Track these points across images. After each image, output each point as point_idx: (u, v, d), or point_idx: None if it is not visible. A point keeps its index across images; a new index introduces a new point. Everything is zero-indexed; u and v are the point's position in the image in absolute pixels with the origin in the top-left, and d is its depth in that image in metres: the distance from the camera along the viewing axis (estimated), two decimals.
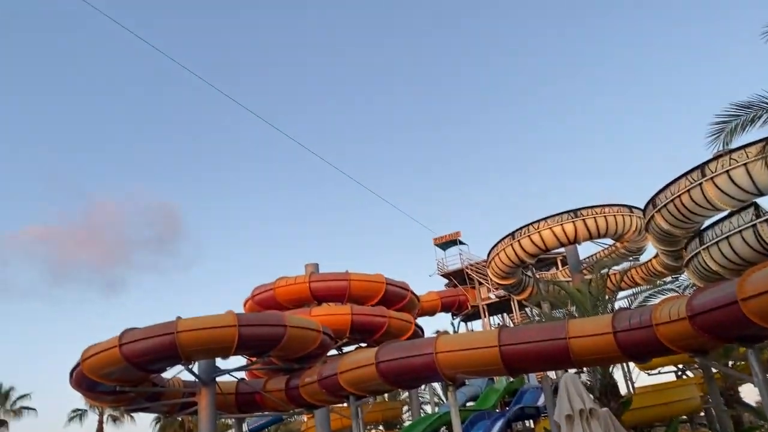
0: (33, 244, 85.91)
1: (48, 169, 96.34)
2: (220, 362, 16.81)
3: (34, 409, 38.80)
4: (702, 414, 24.76)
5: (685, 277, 20.87)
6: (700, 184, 16.40)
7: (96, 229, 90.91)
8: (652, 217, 18.63)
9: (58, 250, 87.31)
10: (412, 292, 25.13)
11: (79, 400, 38.40)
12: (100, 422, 39.75)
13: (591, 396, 11.14)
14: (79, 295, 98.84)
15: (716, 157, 15.84)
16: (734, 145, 12.21)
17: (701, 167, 16.48)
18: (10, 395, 38.53)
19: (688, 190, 16.79)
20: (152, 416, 38.31)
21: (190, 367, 15.88)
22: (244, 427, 28.98)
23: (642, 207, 20.32)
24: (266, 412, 19.97)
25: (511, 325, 34.70)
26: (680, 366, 26.59)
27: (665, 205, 17.73)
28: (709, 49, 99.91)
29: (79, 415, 39.80)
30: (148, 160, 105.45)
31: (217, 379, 16.84)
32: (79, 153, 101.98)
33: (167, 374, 17.22)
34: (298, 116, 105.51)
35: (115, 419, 40.10)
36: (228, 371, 17.14)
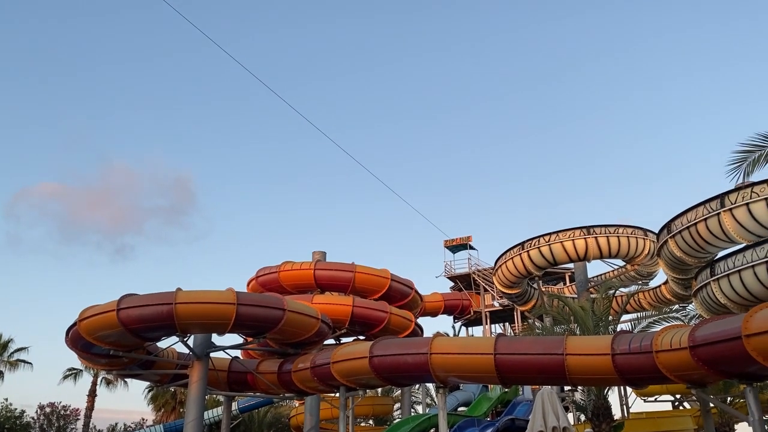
0: (46, 201, 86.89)
1: (68, 127, 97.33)
2: (215, 338, 16.85)
3: (30, 363, 39.13)
4: None
5: (693, 308, 20.55)
6: (718, 214, 16.10)
7: (110, 193, 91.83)
8: (666, 242, 18.35)
9: (71, 210, 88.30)
10: (416, 291, 25.02)
11: (75, 359, 38.69)
12: (94, 384, 40.07)
13: (568, 414, 10.95)
14: (87, 257, 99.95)
15: (737, 189, 15.53)
16: (755, 176, 11.93)
17: (721, 197, 16.17)
18: (9, 347, 38.84)
19: (705, 219, 16.50)
20: (145, 384, 38.68)
21: (185, 339, 15.91)
22: (234, 405, 29.14)
23: (656, 231, 20.03)
24: (257, 394, 19.98)
25: (512, 334, 34.49)
26: (678, 396, 26.25)
27: (680, 232, 17.45)
28: (743, 76, 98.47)
29: (74, 374, 40.10)
30: (167, 132, 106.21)
31: (211, 354, 16.89)
32: (102, 115, 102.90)
33: (162, 344, 17.29)
34: (322, 106, 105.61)
35: (108, 383, 40.41)
36: (222, 348, 17.18)
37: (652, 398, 26.63)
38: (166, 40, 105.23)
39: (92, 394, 39.90)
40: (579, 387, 16.39)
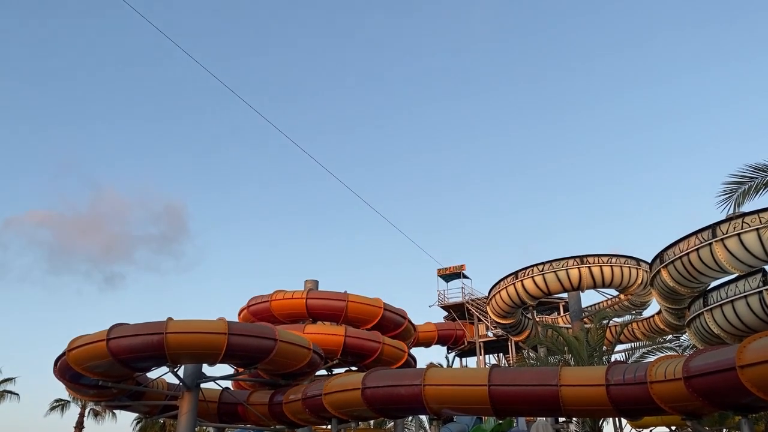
0: (35, 229, 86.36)
1: (58, 154, 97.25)
2: (206, 368, 16.64)
3: (17, 395, 38.42)
4: None
5: (687, 338, 20.51)
6: (710, 244, 16.18)
7: (100, 221, 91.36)
8: (659, 272, 18.38)
9: (60, 238, 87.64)
10: (409, 321, 24.87)
11: (62, 390, 38.07)
12: (81, 415, 39.32)
13: None
14: (76, 286, 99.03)
15: (729, 219, 15.64)
16: (746, 207, 12.02)
17: (713, 227, 16.28)
18: None
19: (697, 249, 16.57)
20: (134, 415, 37.95)
21: (175, 369, 15.70)
22: None
23: (649, 261, 20.07)
24: (248, 425, 19.67)
25: (506, 365, 34.24)
26: (673, 428, 26.00)
27: (672, 262, 17.49)
28: (735, 106, 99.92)
29: (61, 405, 39.38)
30: (158, 160, 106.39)
31: (202, 385, 16.66)
32: (92, 142, 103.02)
33: (152, 374, 17.06)
34: (317, 135, 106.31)
35: (96, 414, 39.67)
36: (213, 378, 16.95)
37: (647, 430, 26.35)
38: (157, 68, 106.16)
39: (80, 426, 39.10)
40: (574, 418, 16.24)
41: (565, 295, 27.40)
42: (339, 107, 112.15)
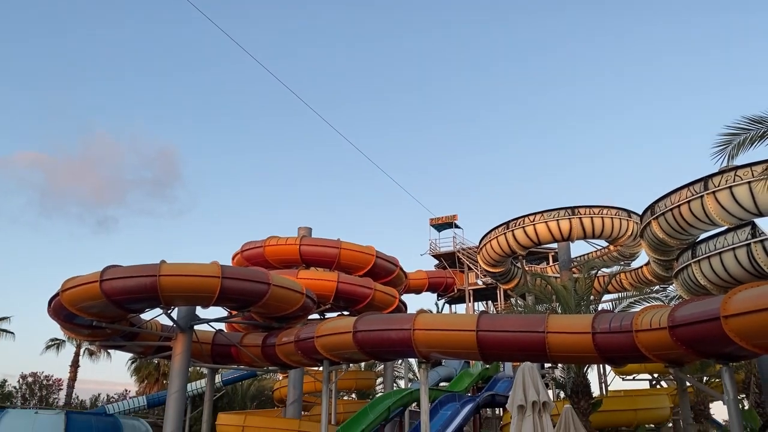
0: (26, 170, 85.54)
1: (48, 95, 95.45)
2: (199, 311, 16.85)
3: (12, 333, 38.90)
4: (670, 425, 24.97)
5: (673, 289, 20.81)
6: (702, 196, 16.22)
7: (91, 164, 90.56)
8: (649, 223, 18.49)
9: (51, 180, 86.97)
10: (401, 268, 25.14)
11: (58, 330, 38.53)
12: (77, 354, 39.93)
13: (548, 389, 11.07)
14: (68, 229, 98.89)
15: (721, 172, 15.63)
16: (740, 160, 11.99)
17: (705, 180, 16.29)
18: None
19: (689, 202, 16.62)
20: (129, 355, 38.63)
21: (169, 311, 15.89)
22: (218, 377, 29.28)
23: (640, 212, 20.18)
24: (241, 366, 20.07)
25: (494, 312, 34.82)
26: (655, 375, 26.74)
27: (663, 214, 17.57)
28: (732, 58, 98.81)
29: (56, 344, 39.94)
30: (151, 102, 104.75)
31: (195, 327, 16.89)
32: (83, 83, 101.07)
33: (146, 316, 17.26)
34: (310, 80, 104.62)
35: (91, 353, 40.30)
36: (207, 321, 17.19)
37: (630, 377, 27.12)
38: (150, 9, 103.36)
39: (75, 365, 39.78)
40: (559, 364, 16.62)
41: (554, 245, 27.64)
42: (333, 53, 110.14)
